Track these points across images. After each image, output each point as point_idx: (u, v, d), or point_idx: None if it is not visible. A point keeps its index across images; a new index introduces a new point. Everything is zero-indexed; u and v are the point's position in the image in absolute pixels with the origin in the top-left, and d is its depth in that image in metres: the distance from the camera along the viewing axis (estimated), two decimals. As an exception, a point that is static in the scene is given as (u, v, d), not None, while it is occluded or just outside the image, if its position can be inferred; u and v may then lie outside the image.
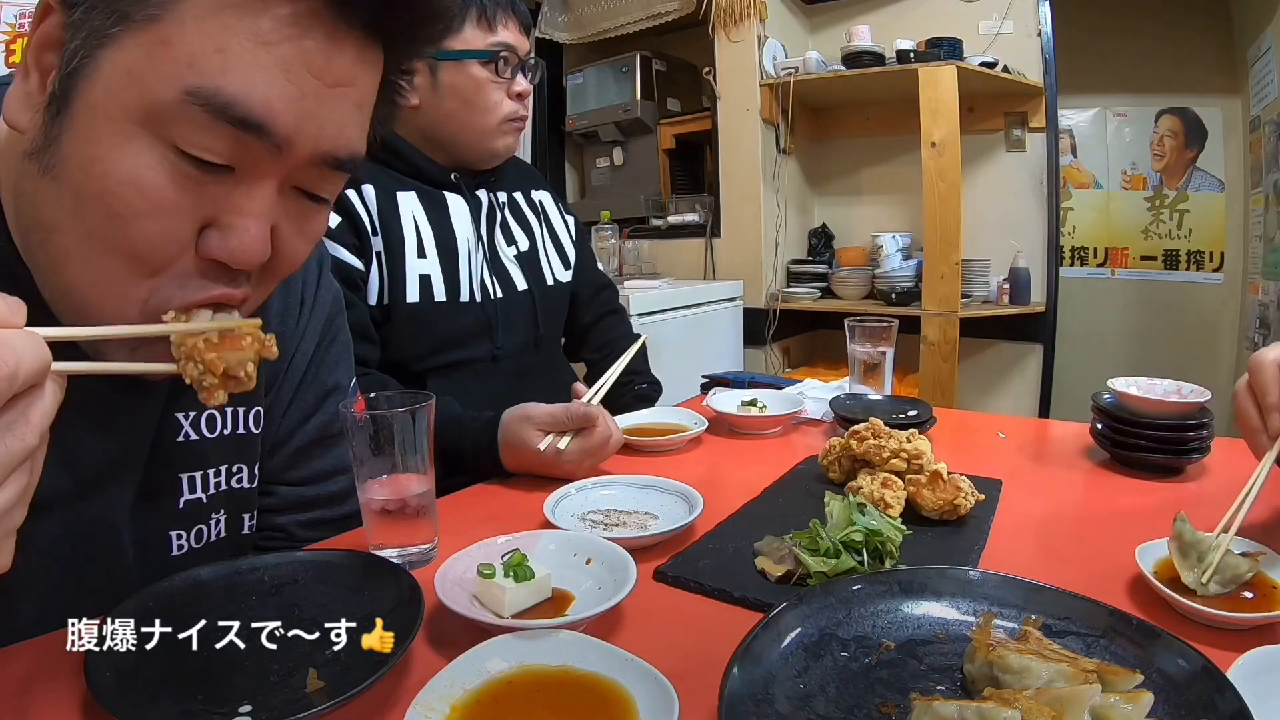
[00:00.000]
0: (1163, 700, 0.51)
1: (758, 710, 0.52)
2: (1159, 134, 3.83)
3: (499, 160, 1.47)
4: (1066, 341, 3.47)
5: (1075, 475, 1.10)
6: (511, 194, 1.57)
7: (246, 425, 0.82)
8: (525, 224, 1.57)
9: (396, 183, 1.38)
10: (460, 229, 1.42)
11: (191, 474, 0.78)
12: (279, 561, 0.73)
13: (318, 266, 0.92)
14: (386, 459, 0.80)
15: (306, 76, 0.56)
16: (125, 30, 0.53)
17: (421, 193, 1.39)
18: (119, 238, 0.55)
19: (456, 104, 1.37)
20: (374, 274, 1.32)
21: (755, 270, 3.54)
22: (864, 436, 1.02)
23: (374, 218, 1.33)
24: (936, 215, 3.04)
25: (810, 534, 0.79)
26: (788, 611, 0.61)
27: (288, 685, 0.58)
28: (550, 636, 0.61)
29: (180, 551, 0.78)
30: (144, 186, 0.53)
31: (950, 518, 0.90)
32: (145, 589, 0.66)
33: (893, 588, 0.65)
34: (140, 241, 0.55)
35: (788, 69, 3.39)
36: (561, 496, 0.96)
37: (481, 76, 1.36)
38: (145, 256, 0.56)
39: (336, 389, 0.93)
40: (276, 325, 0.85)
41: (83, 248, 0.56)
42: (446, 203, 1.42)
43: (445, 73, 1.36)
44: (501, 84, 1.38)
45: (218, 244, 0.57)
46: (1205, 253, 3.78)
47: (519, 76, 1.41)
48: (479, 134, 1.40)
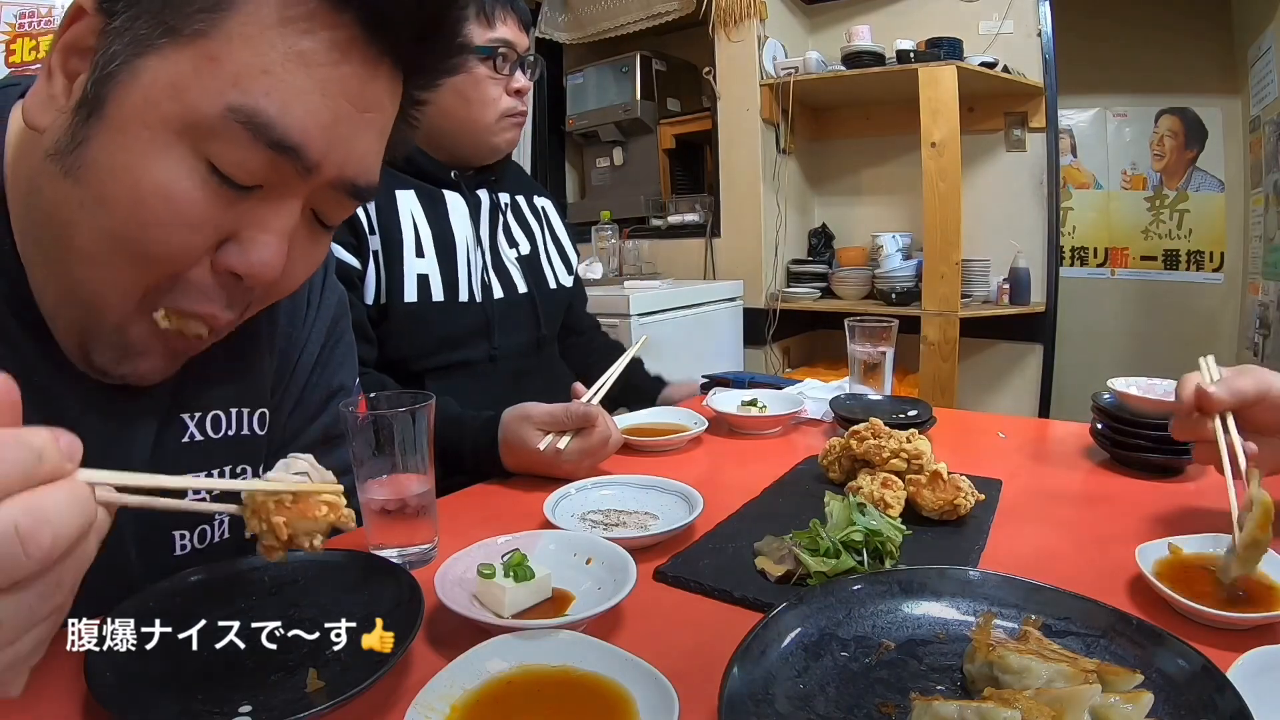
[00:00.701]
0: (1163, 700, 0.51)
1: (758, 710, 0.52)
2: (1159, 134, 3.83)
3: (499, 156, 1.48)
4: (1066, 341, 3.47)
5: (1075, 475, 1.10)
6: (514, 196, 1.57)
7: (251, 427, 0.82)
8: (527, 227, 1.57)
9: (395, 181, 1.37)
10: (459, 228, 1.42)
11: (196, 475, 0.77)
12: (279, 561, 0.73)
13: (323, 269, 0.92)
14: (386, 459, 0.80)
15: (342, 102, 0.57)
16: (171, 42, 0.53)
17: (420, 191, 1.39)
18: (138, 244, 0.55)
19: (455, 100, 1.37)
20: (371, 273, 1.32)
21: (755, 270, 3.54)
22: (864, 436, 1.02)
23: (372, 217, 1.32)
24: (936, 215, 3.04)
25: (810, 534, 0.79)
26: (788, 611, 0.61)
27: (288, 685, 0.58)
28: (550, 636, 0.61)
29: (184, 551, 0.78)
30: (174, 198, 0.54)
31: (950, 518, 0.89)
32: (145, 589, 0.66)
33: (893, 588, 0.65)
34: (160, 250, 0.56)
35: (788, 69, 3.39)
36: (561, 496, 0.96)
37: (480, 73, 1.36)
38: (161, 263, 0.57)
39: (341, 390, 0.94)
40: (285, 326, 0.85)
41: (97, 248, 0.56)
42: (445, 201, 1.42)
43: None
44: (500, 80, 1.39)
45: (238, 257, 0.58)
46: (1205, 253, 3.78)
47: (518, 73, 1.41)
48: (478, 129, 1.40)
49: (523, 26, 1.43)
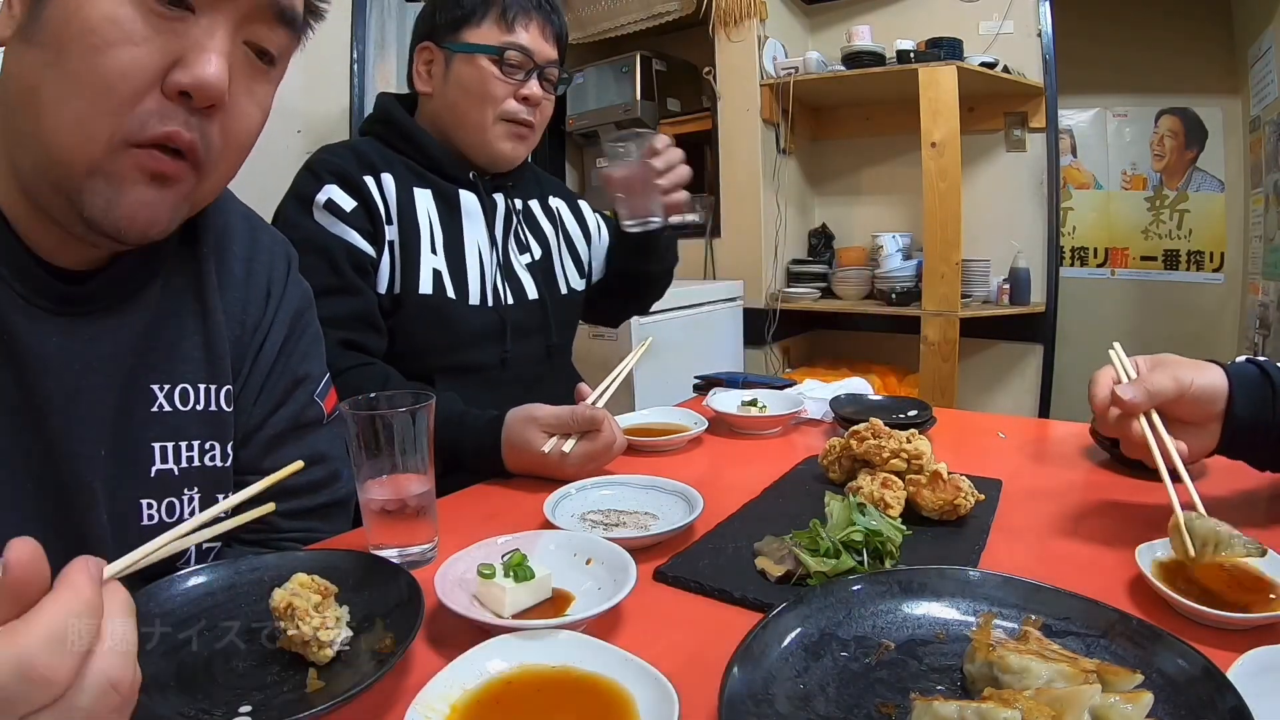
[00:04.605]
0: (1163, 700, 0.51)
1: (758, 710, 0.52)
2: (1159, 134, 3.83)
3: (502, 166, 1.46)
4: (1066, 342, 3.47)
5: (1075, 475, 1.10)
6: (528, 201, 1.56)
7: (218, 403, 0.84)
8: (539, 232, 1.55)
9: (415, 178, 1.37)
10: (471, 232, 1.41)
11: (164, 444, 0.79)
12: (279, 562, 0.73)
13: (285, 264, 0.95)
14: (386, 459, 0.80)
15: None
16: None
17: (437, 191, 1.39)
18: (95, 73, 0.62)
19: (459, 95, 1.37)
20: (385, 262, 1.32)
21: (755, 270, 3.54)
22: (864, 437, 1.02)
23: (391, 208, 1.32)
24: (936, 215, 3.04)
25: (810, 534, 0.79)
26: (787, 612, 0.62)
27: (288, 685, 0.59)
28: (550, 636, 0.61)
29: (150, 522, 0.79)
30: (119, 20, 0.62)
31: (950, 518, 0.90)
32: (145, 589, 0.66)
33: (893, 588, 0.66)
34: (114, 72, 0.62)
35: (788, 69, 3.39)
36: (561, 497, 0.96)
37: (488, 71, 1.35)
38: (116, 87, 0.63)
39: (307, 378, 0.95)
40: (239, 311, 0.88)
41: (60, 92, 0.63)
42: (460, 203, 1.41)
43: (457, 64, 1.37)
44: (508, 83, 1.37)
45: (182, 73, 0.64)
46: (1205, 253, 3.78)
47: (531, 81, 1.39)
48: (477, 129, 1.39)
49: (552, 38, 1.41)
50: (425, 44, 1.42)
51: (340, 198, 1.28)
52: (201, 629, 0.64)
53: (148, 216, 0.68)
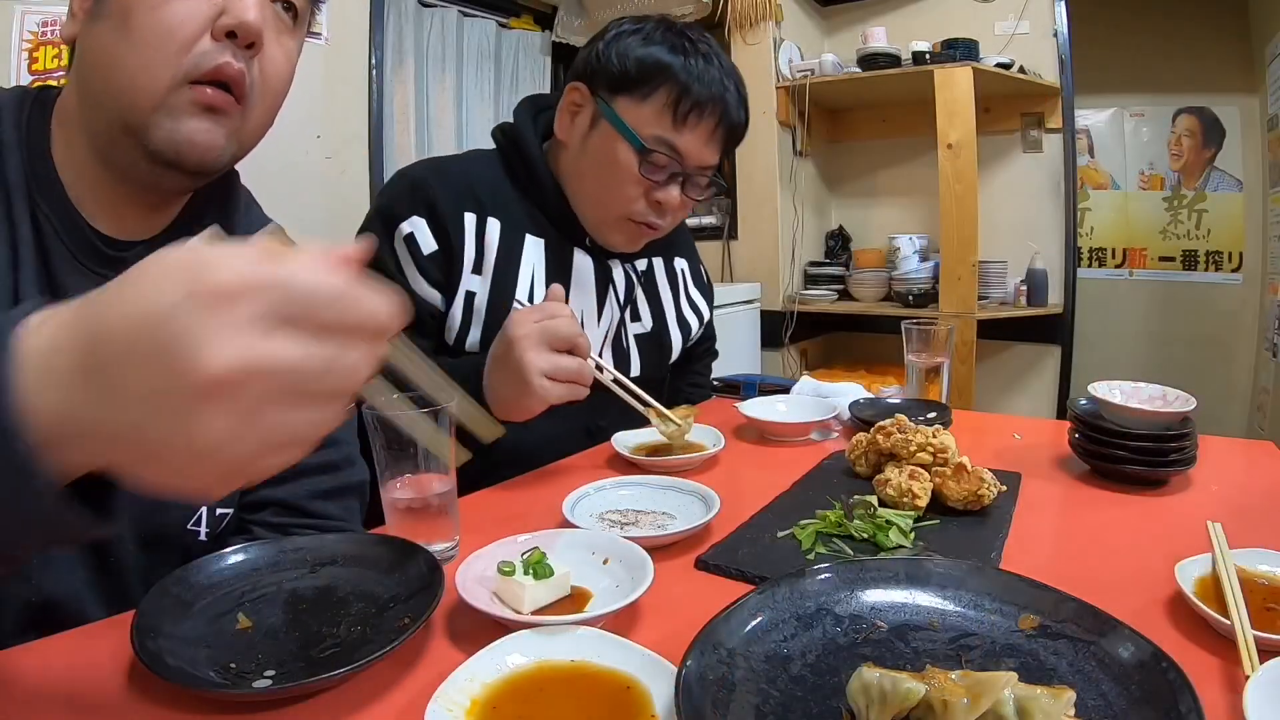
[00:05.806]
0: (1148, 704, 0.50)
1: (730, 660, 0.55)
2: (1176, 133, 3.80)
3: (612, 250, 1.32)
4: (1084, 343, 3.46)
5: (1089, 476, 1.10)
6: (652, 260, 1.42)
7: None
8: (656, 299, 1.41)
9: (530, 224, 1.26)
10: (576, 300, 1.28)
11: None
12: (320, 544, 0.78)
13: None
14: (409, 459, 0.82)
15: None
16: None
17: (550, 244, 1.27)
18: (158, 26, 0.71)
19: (590, 165, 1.24)
20: (458, 312, 1.20)
21: (772, 272, 3.55)
22: (890, 431, 1.06)
23: (485, 255, 1.21)
24: (953, 217, 3.04)
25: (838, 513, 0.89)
26: (791, 580, 0.64)
27: (311, 651, 0.63)
28: (568, 632, 0.62)
29: None
30: None
31: (974, 508, 0.93)
32: (191, 565, 0.71)
33: (899, 574, 0.66)
34: (172, 22, 0.72)
35: (803, 71, 3.39)
36: (580, 496, 0.97)
37: (625, 163, 1.20)
38: (175, 34, 0.72)
39: None
40: None
41: (128, 47, 0.72)
42: (573, 264, 1.28)
43: (601, 130, 1.22)
44: (645, 183, 1.22)
45: (228, 17, 0.73)
46: (1224, 253, 3.75)
47: (673, 186, 1.24)
48: (596, 208, 1.27)
49: (720, 141, 1.25)
50: (578, 85, 1.26)
51: (423, 236, 1.18)
52: (243, 602, 0.68)
53: (205, 141, 0.76)
